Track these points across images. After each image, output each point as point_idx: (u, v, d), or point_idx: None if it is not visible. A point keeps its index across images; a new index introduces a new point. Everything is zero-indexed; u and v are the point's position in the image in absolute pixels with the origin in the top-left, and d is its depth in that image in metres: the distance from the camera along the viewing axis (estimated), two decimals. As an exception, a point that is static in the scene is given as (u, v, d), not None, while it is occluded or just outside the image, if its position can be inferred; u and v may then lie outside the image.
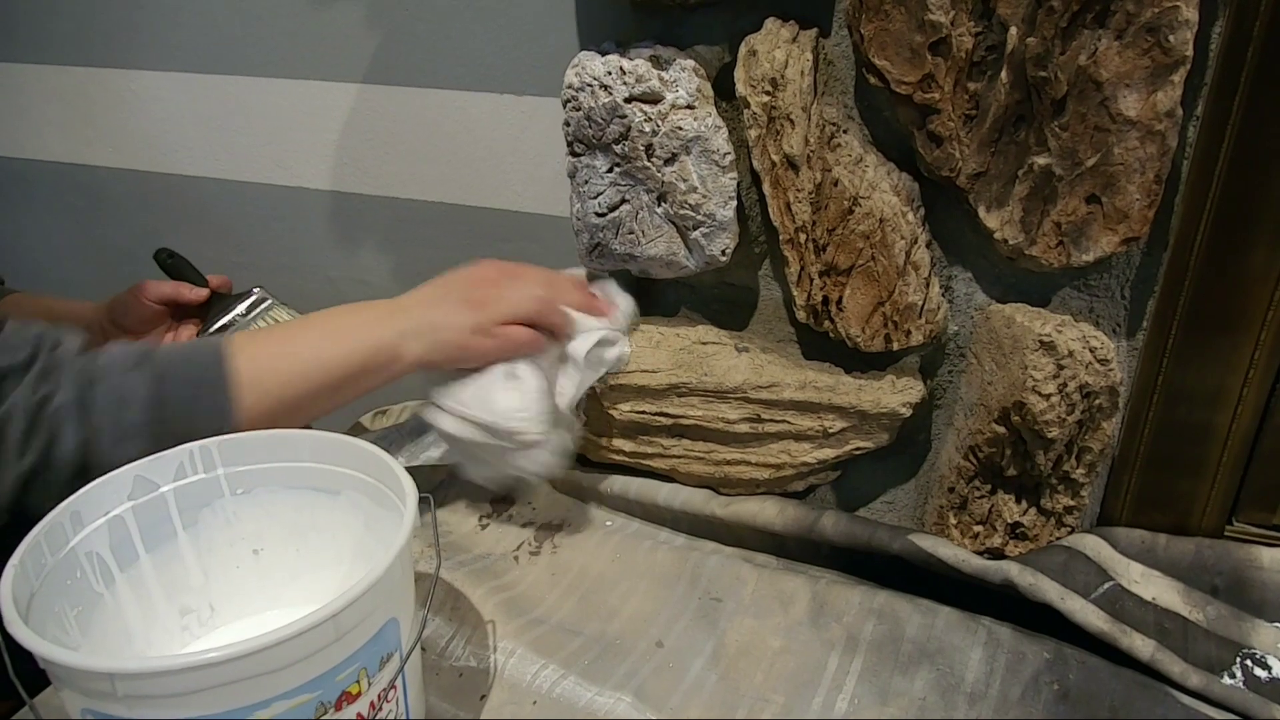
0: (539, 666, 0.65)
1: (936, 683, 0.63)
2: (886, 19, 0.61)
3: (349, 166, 0.97)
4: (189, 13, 0.96)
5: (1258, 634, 0.63)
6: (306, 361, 0.64)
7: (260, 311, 0.86)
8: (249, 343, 0.63)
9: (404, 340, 0.65)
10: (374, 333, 0.65)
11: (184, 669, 0.43)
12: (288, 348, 0.64)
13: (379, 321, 0.66)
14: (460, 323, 0.66)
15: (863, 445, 0.75)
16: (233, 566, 0.65)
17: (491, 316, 0.67)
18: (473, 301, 0.67)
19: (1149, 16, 0.54)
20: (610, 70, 0.68)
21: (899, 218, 0.66)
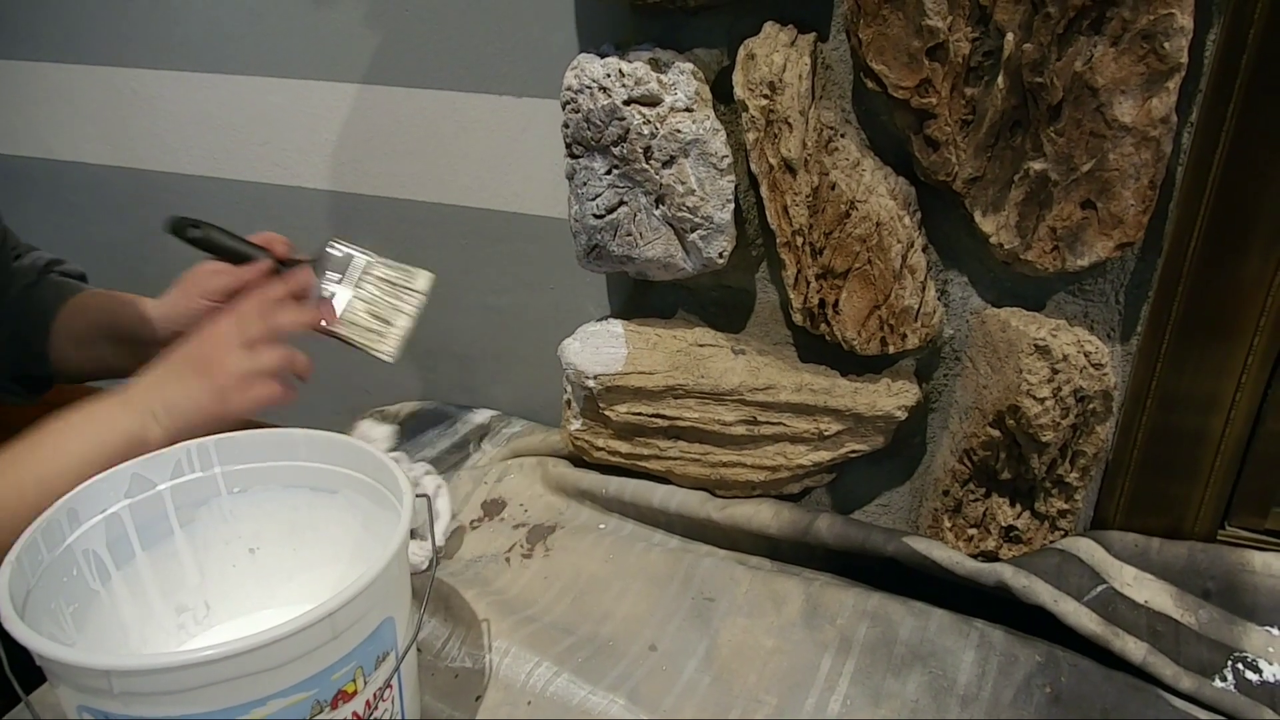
0: (532, 665, 0.66)
1: (929, 685, 0.63)
2: (884, 24, 0.61)
3: (348, 167, 0.97)
4: (189, 12, 0.96)
5: (1249, 637, 0.64)
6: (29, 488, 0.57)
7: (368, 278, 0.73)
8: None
9: (148, 424, 0.62)
10: (119, 426, 0.61)
11: (180, 666, 0.43)
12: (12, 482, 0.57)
13: (119, 413, 0.62)
14: (204, 388, 0.63)
15: (858, 448, 0.75)
16: (229, 565, 0.65)
17: (230, 373, 0.64)
18: (209, 364, 0.64)
19: (1144, 23, 0.55)
20: (609, 73, 0.68)
21: (895, 221, 0.66)
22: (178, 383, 0.64)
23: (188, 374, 0.64)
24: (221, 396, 0.63)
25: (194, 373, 0.64)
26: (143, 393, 0.63)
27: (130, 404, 0.62)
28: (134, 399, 0.63)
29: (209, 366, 0.64)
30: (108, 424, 0.61)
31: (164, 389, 0.63)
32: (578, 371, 0.78)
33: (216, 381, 0.63)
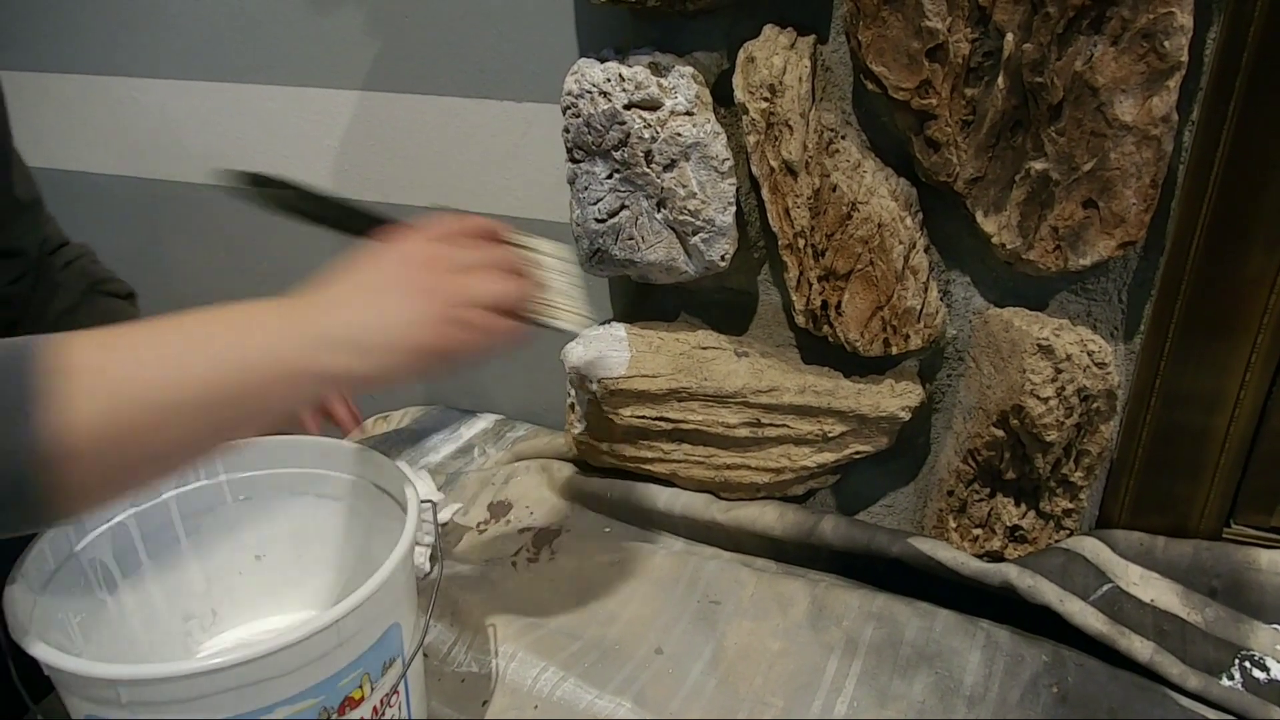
0: (539, 669, 0.66)
1: (935, 685, 0.63)
2: (884, 25, 0.61)
3: (349, 173, 0.97)
4: (190, 20, 0.96)
5: (1256, 636, 0.64)
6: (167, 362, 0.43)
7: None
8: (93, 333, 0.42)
9: (322, 353, 0.45)
10: (279, 346, 0.45)
11: (187, 675, 0.43)
12: (149, 341, 0.44)
13: (284, 330, 0.46)
14: (415, 316, 0.47)
15: (862, 449, 0.75)
16: (235, 572, 0.65)
17: (454, 302, 0.49)
18: (426, 292, 0.48)
19: (1144, 23, 0.55)
20: (609, 77, 0.68)
21: (897, 223, 0.66)
22: (370, 305, 0.47)
23: (388, 295, 0.47)
24: (432, 330, 0.47)
25: (397, 294, 0.47)
26: (318, 314, 0.47)
27: (294, 331, 0.46)
28: (303, 321, 0.46)
29: (419, 291, 0.48)
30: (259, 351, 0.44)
31: (348, 312, 0.47)
32: (581, 375, 0.78)
33: (428, 309, 0.47)
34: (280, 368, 0.44)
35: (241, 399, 0.44)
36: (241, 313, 0.46)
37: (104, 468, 0.40)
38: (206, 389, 0.43)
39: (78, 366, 0.39)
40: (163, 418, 0.41)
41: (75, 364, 0.40)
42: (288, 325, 0.46)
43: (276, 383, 0.45)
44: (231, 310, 0.46)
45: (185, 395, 0.42)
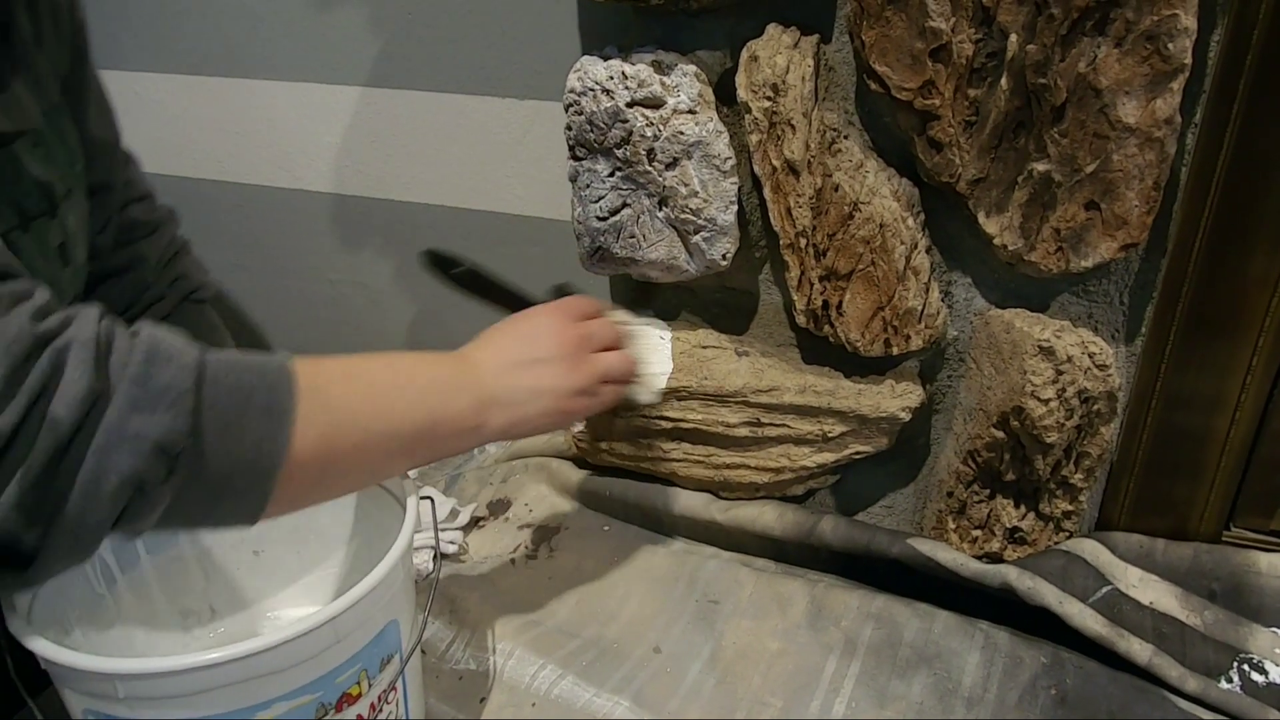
0: (537, 667, 0.66)
1: (934, 686, 0.63)
2: (887, 25, 0.61)
3: (351, 169, 0.97)
4: (191, 16, 0.96)
5: (1255, 639, 0.64)
6: (379, 398, 0.50)
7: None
8: (314, 359, 0.49)
9: (485, 411, 0.55)
10: (452, 400, 0.53)
11: (185, 670, 0.43)
12: (361, 375, 0.51)
13: (459, 387, 0.54)
14: (561, 389, 0.58)
15: (862, 449, 0.75)
16: (234, 568, 0.65)
17: (592, 378, 0.60)
18: (571, 365, 0.59)
19: (1148, 24, 0.55)
20: (612, 75, 0.68)
21: (899, 223, 0.66)
22: (528, 373, 0.57)
23: (542, 366, 0.57)
24: (570, 399, 0.58)
25: (549, 366, 0.57)
26: (487, 376, 0.56)
27: (466, 389, 0.55)
28: (475, 381, 0.55)
29: (566, 363, 0.58)
30: (445, 390, 0.53)
31: (510, 378, 0.56)
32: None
33: (572, 381, 0.58)
34: (459, 420, 0.53)
35: (425, 440, 0.52)
36: (433, 364, 0.55)
37: (313, 480, 0.47)
38: (403, 427, 0.51)
39: (307, 389, 0.45)
40: (365, 444, 0.49)
41: (308, 385, 0.45)
42: (468, 383, 0.55)
43: (452, 432, 0.53)
44: (423, 360, 0.55)
45: (386, 428, 0.50)
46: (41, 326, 0.38)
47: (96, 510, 0.39)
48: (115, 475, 0.38)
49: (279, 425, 0.44)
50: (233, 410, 0.42)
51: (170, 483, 0.40)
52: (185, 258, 0.75)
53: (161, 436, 0.39)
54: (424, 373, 0.54)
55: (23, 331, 0.38)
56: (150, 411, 0.39)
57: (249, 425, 0.43)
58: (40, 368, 0.37)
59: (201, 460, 0.41)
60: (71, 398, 0.37)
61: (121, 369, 0.39)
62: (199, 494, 0.42)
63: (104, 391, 0.39)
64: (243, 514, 0.44)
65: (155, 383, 0.40)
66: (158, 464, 0.39)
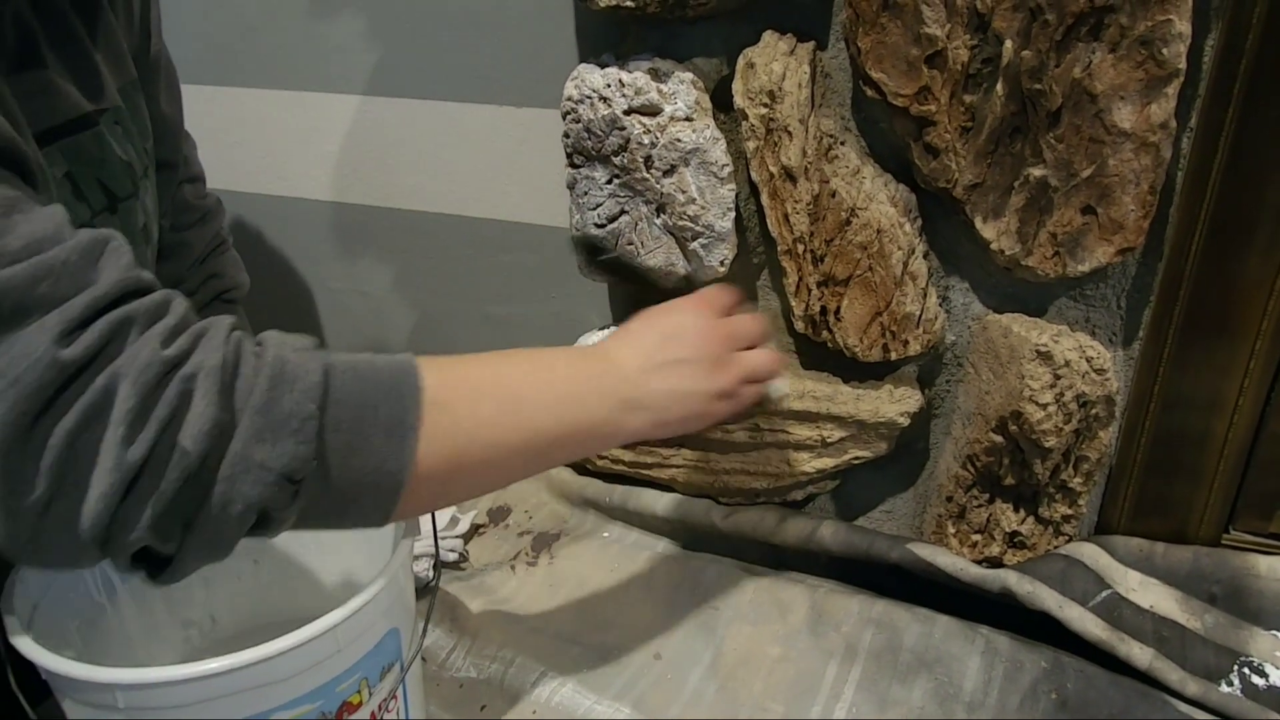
0: (538, 674, 0.66)
1: (935, 691, 0.63)
2: (883, 32, 0.61)
3: (349, 178, 0.97)
4: (187, 26, 0.96)
5: (1255, 642, 0.64)
6: (512, 409, 0.48)
7: None
8: (443, 364, 0.47)
9: (625, 414, 0.53)
10: (591, 404, 0.52)
11: (185, 680, 0.43)
12: (492, 382, 0.49)
13: (599, 389, 0.52)
14: (707, 391, 0.56)
15: (861, 454, 0.75)
16: (234, 577, 0.65)
17: (737, 378, 0.58)
18: (715, 365, 0.56)
19: (1142, 30, 0.55)
20: (609, 83, 0.68)
21: (896, 228, 0.66)
22: (687, 372, 0.55)
23: (702, 366, 0.55)
24: (712, 402, 0.56)
25: (710, 366, 0.56)
26: (637, 376, 0.54)
27: (619, 384, 0.53)
28: (623, 380, 0.53)
29: (711, 364, 0.56)
30: (585, 395, 0.51)
31: (667, 378, 0.54)
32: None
33: (717, 383, 0.56)
34: (596, 426, 0.51)
35: (560, 446, 0.51)
36: (571, 364, 0.53)
37: (438, 491, 0.47)
38: (536, 436, 0.49)
39: (433, 402, 0.44)
40: (494, 456, 0.47)
41: (433, 398, 0.44)
42: (609, 386, 0.53)
43: (589, 436, 0.52)
44: (561, 360, 0.54)
45: (517, 439, 0.48)
46: (170, 352, 0.38)
47: (226, 529, 0.40)
48: (242, 502, 0.39)
49: (402, 444, 0.43)
50: (356, 430, 0.42)
51: (295, 505, 0.41)
52: (224, 254, 0.75)
53: (285, 466, 0.40)
54: (562, 375, 0.52)
55: (155, 358, 0.38)
56: (274, 442, 0.39)
57: (373, 444, 0.42)
58: (168, 399, 0.38)
59: (326, 480, 0.41)
60: (198, 431, 0.38)
61: (246, 397, 0.40)
62: (325, 509, 0.42)
63: (230, 422, 0.39)
64: (369, 522, 0.44)
65: (279, 410, 0.40)
66: (283, 491, 0.40)
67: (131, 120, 0.57)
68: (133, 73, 0.58)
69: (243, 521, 0.40)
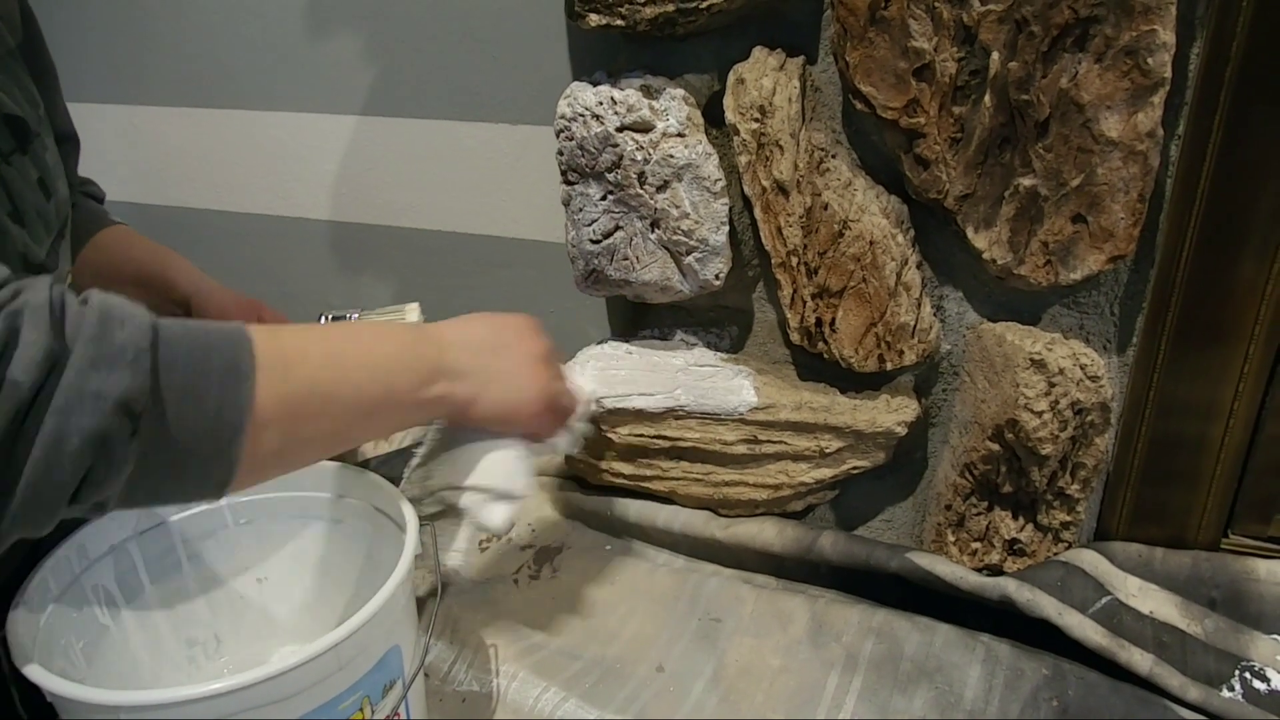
0: (540, 689, 0.66)
1: (936, 701, 0.63)
2: (871, 46, 0.62)
3: (348, 196, 0.98)
4: (189, 49, 0.98)
5: (1256, 646, 0.64)
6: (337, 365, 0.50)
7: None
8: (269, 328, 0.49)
9: (446, 382, 0.54)
10: (411, 365, 0.53)
11: (188, 700, 0.43)
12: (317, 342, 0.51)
13: (417, 354, 0.54)
14: (528, 389, 0.58)
15: (860, 464, 0.75)
16: (237, 596, 0.65)
17: (553, 392, 0.59)
18: (539, 369, 0.59)
19: (1127, 40, 0.56)
20: (602, 100, 0.69)
21: (889, 240, 0.67)
22: (492, 356, 0.57)
23: (507, 353, 0.58)
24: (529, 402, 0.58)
25: (514, 357, 0.58)
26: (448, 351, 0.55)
27: (425, 357, 0.54)
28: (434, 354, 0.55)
29: (533, 363, 0.58)
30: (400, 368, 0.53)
31: (472, 356, 0.56)
32: (579, 394, 0.78)
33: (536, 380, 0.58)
34: (416, 389, 0.53)
35: (384, 406, 0.52)
36: (391, 334, 0.56)
37: (277, 446, 0.46)
38: (362, 392, 0.51)
39: (265, 353, 0.45)
40: (323, 408, 0.48)
41: (267, 351, 0.45)
42: (425, 353, 0.54)
43: (413, 400, 0.53)
44: (382, 330, 0.57)
45: (344, 393, 0.50)
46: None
47: (59, 472, 0.38)
48: (77, 435, 0.38)
49: (239, 387, 0.43)
50: (192, 371, 0.42)
51: (133, 445, 0.40)
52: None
53: (122, 394, 0.39)
54: (383, 342, 0.54)
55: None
56: (109, 369, 0.39)
57: (209, 387, 0.42)
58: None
59: (163, 422, 0.41)
60: (29, 360, 0.37)
61: (77, 329, 0.39)
62: (163, 460, 0.41)
63: (61, 352, 0.38)
64: (210, 482, 0.44)
65: (112, 342, 0.39)
66: (120, 422, 0.39)
67: (14, 86, 0.58)
68: (13, 43, 0.60)
69: (77, 463, 0.38)
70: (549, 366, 0.60)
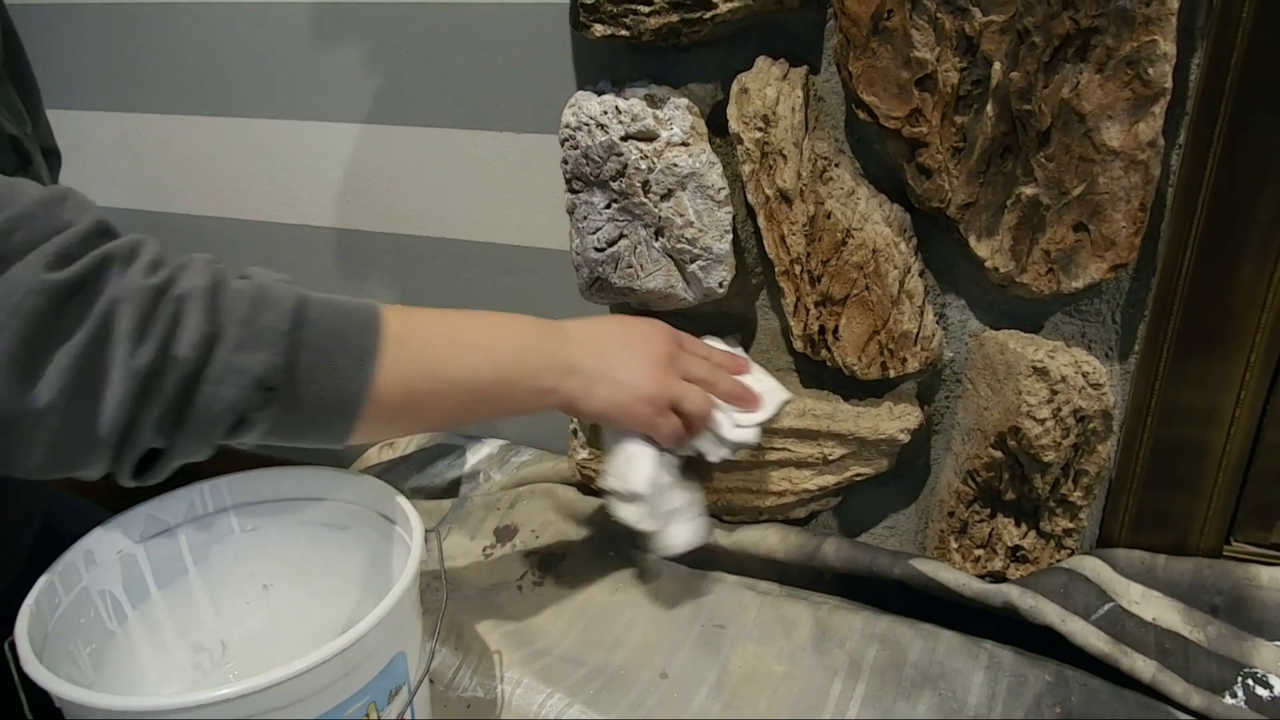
0: (545, 696, 0.66)
1: (939, 707, 0.64)
2: (874, 56, 0.62)
3: (353, 204, 0.98)
4: (193, 57, 0.98)
5: (1259, 653, 0.64)
6: (460, 351, 0.55)
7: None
8: (407, 309, 0.55)
9: (560, 377, 0.59)
10: (532, 359, 0.58)
11: (195, 706, 0.44)
12: (446, 328, 0.56)
13: (541, 349, 0.58)
14: (639, 388, 0.61)
15: (863, 471, 0.76)
16: (243, 602, 0.66)
17: (669, 394, 0.62)
18: (656, 371, 0.62)
19: (1128, 50, 0.56)
20: (606, 109, 0.69)
21: (891, 248, 0.67)
22: (628, 360, 0.61)
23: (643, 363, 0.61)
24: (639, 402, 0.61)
25: (651, 366, 0.61)
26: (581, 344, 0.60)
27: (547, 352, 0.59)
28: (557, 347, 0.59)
29: (664, 380, 0.61)
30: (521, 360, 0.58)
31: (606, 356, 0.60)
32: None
33: (647, 388, 0.61)
34: (532, 380, 0.58)
35: (499, 394, 0.57)
36: (521, 324, 0.60)
37: (391, 417, 0.53)
38: (477, 377, 0.56)
39: (393, 336, 0.52)
40: (442, 390, 0.54)
41: (394, 334, 0.52)
42: (550, 348, 0.59)
43: (526, 389, 0.58)
44: (512, 320, 0.60)
45: (460, 376, 0.55)
46: (155, 280, 0.46)
47: (210, 428, 0.47)
48: (223, 403, 0.46)
49: (363, 368, 0.50)
50: (326, 350, 0.49)
51: (267, 411, 0.48)
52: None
53: (262, 371, 0.47)
54: (510, 332, 0.59)
55: (143, 285, 0.45)
56: (253, 349, 0.47)
57: (337, 366, 0.49)
58: (163, 317, 0.45)
59: (294, 394, 0.48)
60: (190, 341, 0.45)
61: (231, 313, 0.47)
62: (292, 420, 0.49)
63: (215, 333, 0.46)
64: (330, 439, 0.51)
65: (257, 324, 0.47)
66: (256, 396, 0.47)
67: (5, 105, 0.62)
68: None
69: (222, 421, 0.47)
70: (668, 370, 0.63)
